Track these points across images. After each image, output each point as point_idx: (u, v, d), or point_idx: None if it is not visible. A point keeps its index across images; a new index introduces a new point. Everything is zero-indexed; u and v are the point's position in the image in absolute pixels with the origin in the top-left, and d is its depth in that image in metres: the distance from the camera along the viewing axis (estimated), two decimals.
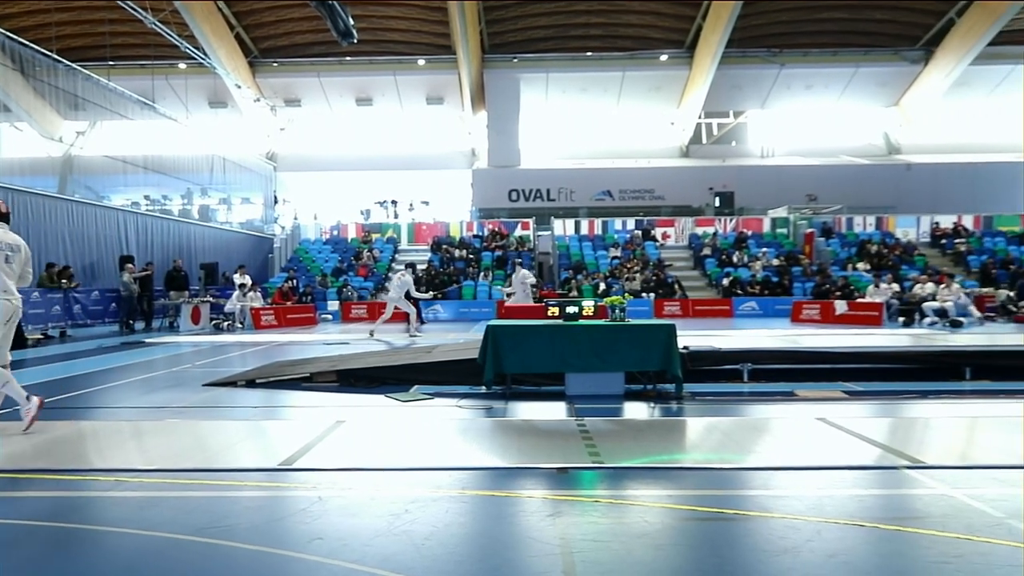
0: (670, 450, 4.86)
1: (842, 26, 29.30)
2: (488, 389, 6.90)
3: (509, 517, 3.46)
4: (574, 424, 5.57)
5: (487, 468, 4.35)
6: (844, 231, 25.98)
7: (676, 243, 26.72)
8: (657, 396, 6.75)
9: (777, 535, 3.12)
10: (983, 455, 4.58)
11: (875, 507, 3.59)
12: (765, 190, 29.34)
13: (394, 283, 13.96)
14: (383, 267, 24.64)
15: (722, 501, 3.63)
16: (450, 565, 2.82)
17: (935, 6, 28.06)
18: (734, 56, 28.55)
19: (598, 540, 3.05)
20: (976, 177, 29.43)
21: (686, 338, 7.39)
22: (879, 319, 15.85)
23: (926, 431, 5.48)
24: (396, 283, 14.01)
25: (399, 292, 13.79)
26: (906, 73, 30.59)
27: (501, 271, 23.34)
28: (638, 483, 4.06)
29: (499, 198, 30.70)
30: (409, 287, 13.90)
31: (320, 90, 30.96)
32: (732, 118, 33.76)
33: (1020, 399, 6.41)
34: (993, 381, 7.42)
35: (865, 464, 4.37)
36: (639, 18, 29.08)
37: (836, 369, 7.80)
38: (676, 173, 31.30)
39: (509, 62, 30.53)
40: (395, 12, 28.39)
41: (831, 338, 10.20)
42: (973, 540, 3.01)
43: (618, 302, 7.15)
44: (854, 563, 2.83)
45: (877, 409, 6.39)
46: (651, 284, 21.99)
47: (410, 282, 14.00)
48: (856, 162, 31.57)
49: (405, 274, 14.21)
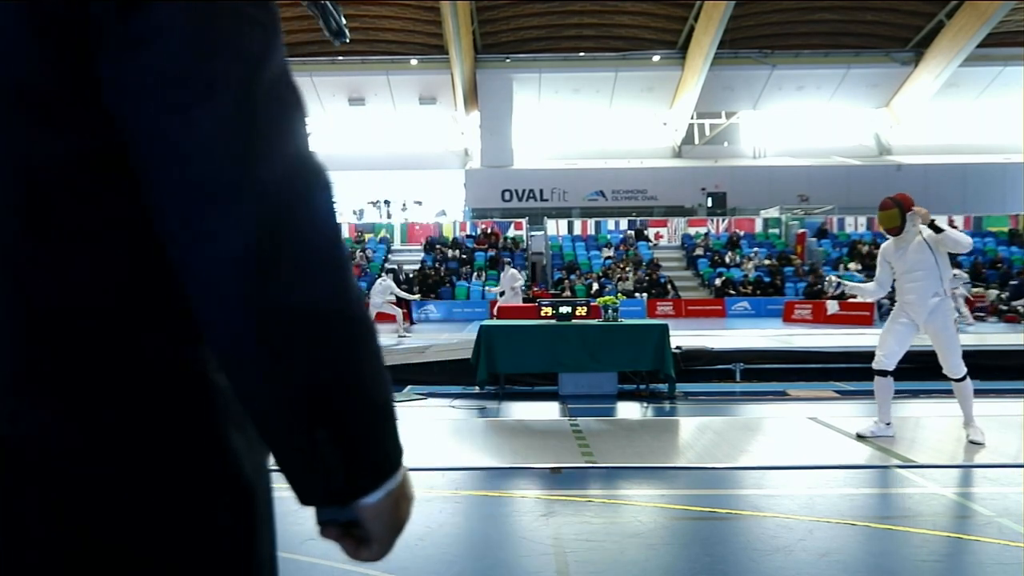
0: (663, 450, 4.87)
1: (833, 27, 29.42)
2: (481, 389, 6.90)
3: (502, 517, 3.46)
4: (567, 424, 5.57)
5: (480, 468, 4.35)
6: (835, 231, 26.10)
7: (669, 243, 26.77)
8: (650, 396, 6.77)
9: (769, 534, 3.13)
10: (974, 454, 4.60)
11: (866, 506, 3.61)
12: (757, 190, 29.44)
13: (375, 290, 14.22)
14: (376, 267, 24.59)
15: (714, 500, 3.64)
16: (443, 565, 2.82)
17: (925, 8, 28.21)
18: (726, 57, 28.63)
19: (591, 540, 3.05)
20: (966, 178, 29.62)
21: (679, 338, 7.41)
22: (870, 319, 15.94)
23: (917, 430, 5.51)
24: (377, 289, 14.28)
25: (381, 298, 14.07)
26: (896, 74, 30.74)
27: (494, 271, 23.34)
28: (631, 483, 4.07)
29: (492, 198, 30.67)
30: (392, 290, 14.31)
31: (312, 90, 30.84)
32: (724, 119, 33.85)
33: (1010, 398, 6.45)
34: (983, 380, 7.46)
35: (857, 463, 4.39)
36: (631, 19, 29.11)
37: (828, 369, 7.83)
38: (668, 173, 31.35)
39: (502, 62, 30.51)
40: (388, 12, 28.32)
41: (823, 338, 10.23)
42: (964, 539, 3.03)
43: (611, 302, 7.16)
44: (846, 562, 2.84)
45: (868, 408, 6.42)
46: (644, 284, 22.03)
47: (391, 286, 14.44)
48: (847, 163, 31.72)
49: (385, 279, 14.76)
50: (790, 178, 29.91)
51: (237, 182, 0.55)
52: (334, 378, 0.59)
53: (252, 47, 0.57)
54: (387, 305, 14.14)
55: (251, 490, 0.67)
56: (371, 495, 0.62)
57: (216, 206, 0.54)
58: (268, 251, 0.55)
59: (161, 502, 0.61)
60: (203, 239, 0.55)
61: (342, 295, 0.60)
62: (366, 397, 0.61)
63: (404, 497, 0.67)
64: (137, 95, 0.55)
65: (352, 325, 0.60)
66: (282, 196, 0.57)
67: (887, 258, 5.05)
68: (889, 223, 4.92)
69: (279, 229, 0.56)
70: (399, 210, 29.32)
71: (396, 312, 14.54)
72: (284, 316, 0.56)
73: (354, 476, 0.61)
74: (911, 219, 4.84)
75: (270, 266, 0.55)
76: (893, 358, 4.96)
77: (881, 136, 33.46)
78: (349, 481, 0.61)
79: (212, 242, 0.55)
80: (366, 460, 0.62)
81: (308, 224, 0.58)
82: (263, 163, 0.56)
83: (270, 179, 0.56)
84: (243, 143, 0.55)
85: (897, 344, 4.95)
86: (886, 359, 4.94)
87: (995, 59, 28.74)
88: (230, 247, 0.55)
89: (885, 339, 5.01)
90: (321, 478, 0.61)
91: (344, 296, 0.60)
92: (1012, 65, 27.89)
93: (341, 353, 0.59)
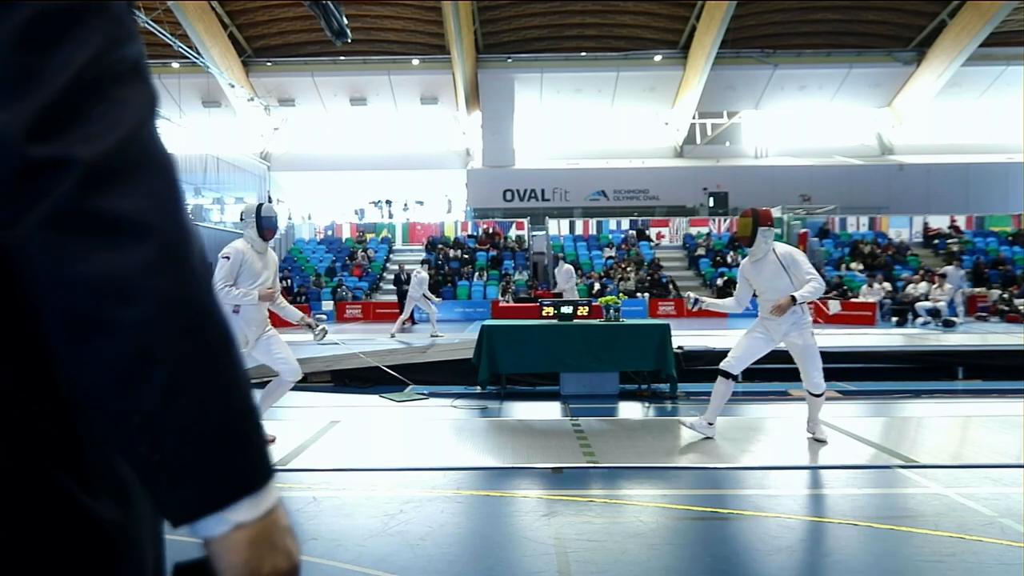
0: (665, 450, 4.87)
1: (835, 27, 29.38)
2: (483, 389, 6.90)
3: (504, 517, 3.46)
4: (569, 424, 5.57)
5: (482, 468, 4.35)
6: (837, 231, 26.07)
7: (670, 243, 26.75)
8: (652, 396, 6.77)
9: (771, 534, 3.13)
10: (976, 454, 4.60)
11: (868, 506, 3.61)
12: (759, 190, 29.39)
13: (413, 282, 13.75)
14: (378, 267, 24.60)
15: (716, 500, 3.64)
16: (445, 565, 2.82)
17: (927, 7, 28.16)
18: (728, 57, 28.60)
19: (593, 539, 3.05)
20: (968, 177, 29.57)
21: (680, 338, 7.40)
22: (872, 319, 15.92)
23: (919, 430, 5.50)
24: (415, 282, 13.81)
25: (418, 291, 13.66)
26: (899, 74, 30.69)
27: (495, 271, 23.33)
28: (633, 482, 4.06)
29: (494, 198, 30.67)
30: (425, 285, 13.73)
31: (314, 89, 30.86)
32: (726, 118, 33.81)
33: (1012, 398, 6.44)
34: (986, 380, 7.46)
35: (859, 463, 4.38)
36: (633, 19, 29.09)
37: (830, 369, 7.81)
38: (670, 173, 31.33)
39: (503, 62, 30.50)
40: (389, 12, 28.32)
41: (825, 338, 10.19)
42: (966, 539, 3.02)
43: (612, 302, 7.16)
44: (848, 562, 2.84)
45: (870, 408, 6.42)
46: (645, 284, 22.03)
47: (426, 279, 13.85)
48: (849, 162, 31.67)
49: (421, 271, 14.04)
50: (792, 178, 29.87)
51: (47, 156, 0.56)
52: (140, 357, 0.57)
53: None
54: (423, 300, 13.63)
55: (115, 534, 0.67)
56: (209, 521, 0.60)
57: (27, 181, 0.56)
58: (78, 217, 0.56)
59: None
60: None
61: (168, 273, 0.58)
62: (190, 390, 0.58)
63: (267, 542, 0.62)
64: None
65: (180, 307, 0.59)
66: (104, 169, 0.57)
67: (745, 275, 5.11)
68: (742, 231, 5.00)
69: (94, 198, 0.56)
70: (401, 210, 29.33)
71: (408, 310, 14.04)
72: (86, 287, 0.56)
73: (180, 487, 0.59)
74: (763, 235, 4.89)
75: (78, 231, 0.56)
76: (742, 364, 4.99)
77: (883, 136, 33.41)
78: (177, 491, 0.59)
79: (22, 218, 0.56)
80: (194, 470, 0.59)
81: (132, 194, 0.58)
82: (78, 140, 0.57)
83: (89, 154, 0.57)
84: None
85: (749, 352, 4.98)
86: (735, 363, 4.97)
87: (997, 59, 28.69)
88: (38, 217, 0.56)
89: (741, 344, 5.04)
90: (148, 482, 0.60)
91: (171, 274, 0.59)
92: (1015, 64, 27.84)
93: (155, 334, 0.57)
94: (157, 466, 0.58)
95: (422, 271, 14.08)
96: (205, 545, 0.61)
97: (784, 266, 4.80)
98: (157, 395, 0.57)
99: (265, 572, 0.61)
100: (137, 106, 0.61)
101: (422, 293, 13.60)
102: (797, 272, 4.76)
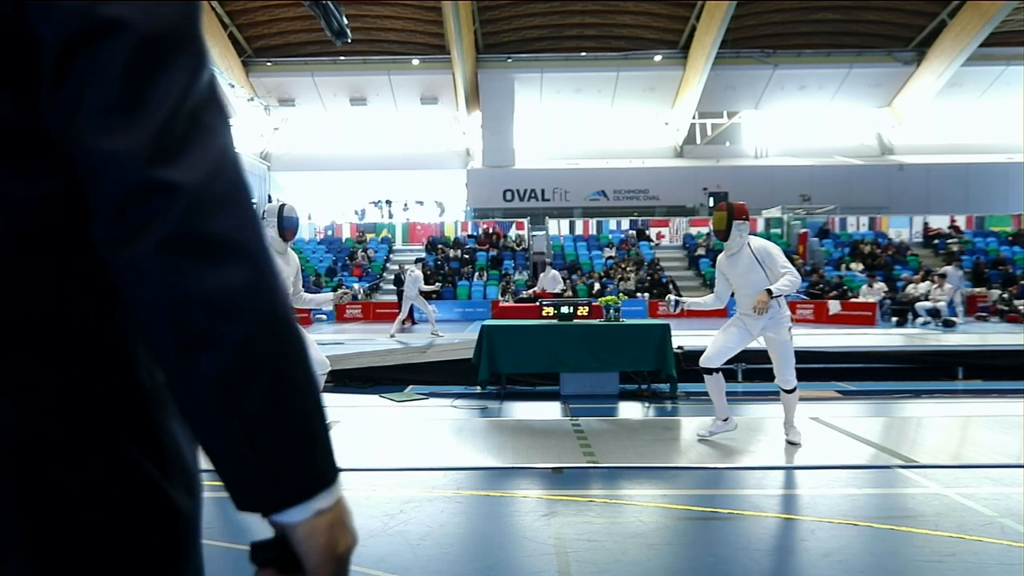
0: (665, 450, 4.87)
1: (835, 27, 29.37)
2: (483, 389, 6.90)
3: (504, 517, 3.46)
4: (569, 424, 5.57)
5: (482, 468, 4.35)
6: (837, 231, 26.07)
7: (670, 243, 26.74)
8: (652, 396, 6.77)
9: (771, 534, 3.13)
10: (976, 454, 4.60)
11: (869, 506, 3.61)
12: (759, 190, 29.38)
13: (408, 281, 13.76)
14: (377, 267, 24.59)
15: (716, 500, 3.64)
16: (445, 565, 2.82)
17: (927, 7, 28.16)
18: (728, 57, 28.60)
19: (593, 539, 3.05)
20: (968, 177, 29.56)
21: (680, 338, 7.40)
22: (872, 319, 15.92)
23: (919, 430, 5.50)
24: (410, 280, 13.81)
25: (413, 289, 13.66)
26: (899, 74, 30.69)
27: (495, 271, 23.33)
28: (633, 482, 4.06)
29: (494, 198, 30.67)
30: (420, 283, 13.75)
31: (314, 90, 30.86)
32: (726, 118, 33.81)
33: (1012, 398, 6.44)
34: (985, 380, 7.46)
35: (859, 463, 4.38)
36: (633, 19, 29.09)
37: (830, 369, 7.83)
38: (670, 173, 31.32)
39: (503, 62, 30.50)
40: (389, 12, 28.32)
41: (825, 338, 10.22)
42: (966, 539, 3.02)
43: (613, 302, 7.16)
44: (848, 562, 2.84)
45: (870, 408, 6.42)
46: (645, 284, 22.02)
47: (420, 277, 13.86)
48: (849, 162, 31.67)
49: (415, 269, 14.05)
50: (792, 178, 29.86)
51: (161, 181, 0.60)
52: (244, 369, 0.62)
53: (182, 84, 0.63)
54: (419, 299, 13.63)
55: (181, 508, 0.73)
56: (296, 509, 0.66)
57: (140, 203, 0.59)
58: (189, 240, 0.60)
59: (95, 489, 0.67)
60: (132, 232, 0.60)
61: (263, 291, 0.64)
62: (283, 398, 0.64)
63: (340, 525, 0.70)
64: (68, 117, 0.60)
65: (274, 323, 0.64)
66: (207, 194, 0.61)
67: (722, 270, 5.10)
68: (717, 225, 4.98)
69: (201, 222, 0.61)
70: (401, 210, 29.32)
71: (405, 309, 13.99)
72: (198, 305, 0.61)
73: (275, 482, 0.65)
74: (737, 228, 4.86)
75: (190, 253, 0.60)
76: (720, 357, 4.97)
77: (883, 136, 33.42)
78: (272, 486, 0.65)
79: (136, 238, 0.60)
80: (286, 466, 0.65)
81: (230, 218, 0.63)
82: (184, 166, 0.61)
83: (195, 180, 0.61)
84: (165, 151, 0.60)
85: (726, 345, 4.97)
86: (713, 357, 4.96)
87: (997, 59, 28.68)
88: (152, 239, 0.60)
89: (718, 338, 5.05)
90: (241, 479, 0.65)
91: (265, 292, 0.64)
92: (1015, 64, 27.83)
93: (256, 348, 0.63)
94: (253, 464, 0.64)
95: (415, 269, 14.16)
96: (286, 529, 0.67)
97: (759, 260, 4.77)
98: (258, 403, 0.63)
99: (340, 550, 0.69)
100: (223, 131, 0.65)
101: (417, 291, 13.63)
102: (772, 266, 4.72)
